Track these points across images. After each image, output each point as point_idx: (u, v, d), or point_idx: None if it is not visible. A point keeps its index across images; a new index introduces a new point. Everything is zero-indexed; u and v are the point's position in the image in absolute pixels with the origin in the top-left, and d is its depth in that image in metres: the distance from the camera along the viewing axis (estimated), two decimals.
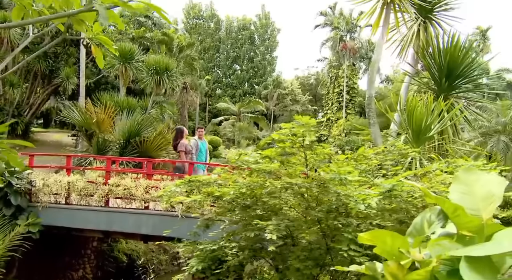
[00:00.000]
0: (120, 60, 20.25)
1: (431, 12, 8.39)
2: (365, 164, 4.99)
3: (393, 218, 3.82)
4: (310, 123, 3.97)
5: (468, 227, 2.40)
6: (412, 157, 5.47)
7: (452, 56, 7.58)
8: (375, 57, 6.79)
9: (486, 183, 2.63)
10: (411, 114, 6.21)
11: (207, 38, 56.48)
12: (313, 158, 4.89)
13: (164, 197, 4.88)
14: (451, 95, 7.81)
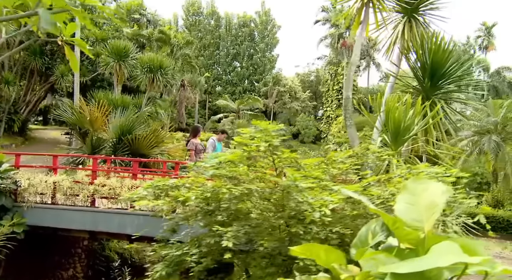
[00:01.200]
0: (115, 58, 20.20)
1: (416, 11, 8.27)
2: (336, 169, 4.92)
3: (355, 224, 3.75)
4: (269, 129, 3.90)
5: (409, 239, 2.32)
6: (389, 160, 5.39)
7: (436, 56, 7.47)
8: (352, 58, 6.70)
9: (432, 193, 2.55)
10: (389, 115, 6.12)
11: (207, 35, 56.33)
12: (281, 162, 4.82)
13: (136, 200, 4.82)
14: (435, 96, 7.70)
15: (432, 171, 3.89)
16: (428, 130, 7.59)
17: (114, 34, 25.86)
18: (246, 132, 3.86)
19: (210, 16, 57.09)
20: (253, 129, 3.97)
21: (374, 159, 5.37)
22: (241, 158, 4.38)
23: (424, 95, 7.91)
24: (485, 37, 44.91)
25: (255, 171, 4.58)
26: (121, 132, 16.43)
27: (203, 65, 55.50)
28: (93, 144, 16.64)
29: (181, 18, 58.21)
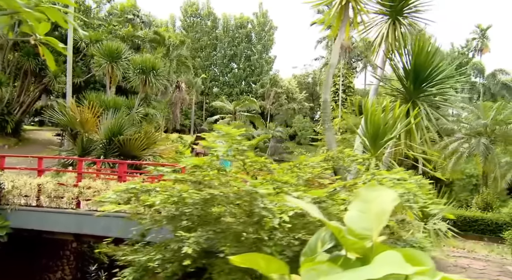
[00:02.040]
0: (107, 59, 20.13)
1: (400, 14, 8.23)
2: (307, 173, 4.87)
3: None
4: (232, 133, 3.86)
5: (355, 248, 2.27)
6: (364, 163, 5.33)
7: (418, 58, 7.44)
8: (331, 61, 6.65)
9: (382, 200, 2.50)
10: (369, 119, 6.08)
11: (204, 36, 56.32)
12: (252, 166, 4.78)
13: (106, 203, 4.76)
14: (418, 99, 7.66)
15: (394, 177, 3.85)
16: (411, 133, 7.54)
17: (107, 37, 25.78)
18: (209, 136, 3.81)
19: (207, 17, 57.07)
20: (217, 133, 3.92)
21: (349, 162, 5.32)
22: (209, 163, 4.33)
23: (408, 98, 7.86)
24: (480, 40, 44.92)
25: (224, 175, 4.53)
26: (112, 133, 16.37)
27: (200, 66, 55.46)
28: (83, 146, 16.58)
29: (178, 19, 58.22)
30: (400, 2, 7.95)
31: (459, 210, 13.67)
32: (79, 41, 24.69)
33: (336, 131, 43.70)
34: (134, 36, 27.54)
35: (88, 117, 17.17)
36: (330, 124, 6.55)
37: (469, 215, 13.06)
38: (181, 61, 30.22)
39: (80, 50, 25.49)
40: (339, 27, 6.68)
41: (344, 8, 6.61)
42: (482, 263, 8.94)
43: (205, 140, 4.42)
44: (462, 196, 18.79)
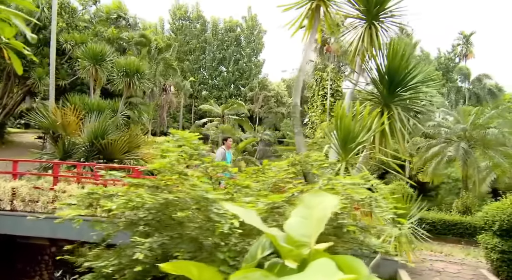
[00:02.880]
0: (91, 62, 19.96)
1: (376, 18, 8.27)
2: (271, 178, 4.85)
3: None
4: (189, 138, 3.82)
5: (291, 256, 2.22)
6: (332, 168, 5.33)
7: (392, 63, 7.47)
8: (301, 64, 6.65)
9: (324, 206, 2.47)
10: (339, 123, 6.08)
11: (193, 39, 56.21)
12: (215, 171, 4.74)
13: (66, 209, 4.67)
14: (393, 103, 7.69)
15: (349, 182, 3.85)
16: (385, 138, 7.57)
17: (93, 39, 25.58)
18: (168, 140, 3.77)
19: (196, 20, 56.99)
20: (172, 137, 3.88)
21: (317, 167, 5.31)
22: (169, 167, 4.29)
23: (382, 102, 7.90)
24: (464, 46, 45.57)
25: (185, 180, 4.49)
26: (94, 136, 16.23)
27: (189, 69, 55.31)
28: (65, 149, 16.40)
29: (167, 22, 58.07)
30: (375, 7, 7.99)
31: (439, 214, 13.79)
32: (64, 43, 24.46)
33: (323, 134, 43.93)
34: (119, 38, 27.36)
35: (70, 120, 17.01)
36: (300, 128, 6.54)
37: (449, 218, 13.17)
38: (168, 64, 30.07)
39: (66, 52, 25.26)
40: (310, 31, 6.68)
41: (314, 11, 6.61)
42: (457, 267, 9.00)
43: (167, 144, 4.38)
44: (448, 200, 18.97)
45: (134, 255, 3.47)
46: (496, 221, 8.21)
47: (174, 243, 3.79)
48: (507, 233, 8.12)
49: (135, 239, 3.69)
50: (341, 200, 4.09)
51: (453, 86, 41.15)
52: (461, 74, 41.55)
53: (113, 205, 3.95)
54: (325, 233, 4.42)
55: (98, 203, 4.60)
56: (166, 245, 3.73)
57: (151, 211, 3.77)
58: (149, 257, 3.57)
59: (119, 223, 4.25)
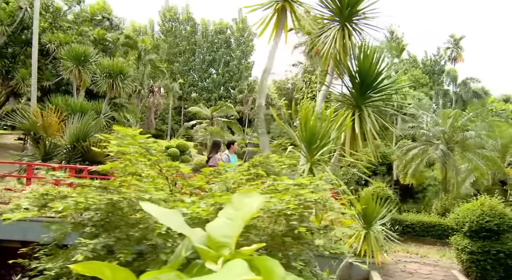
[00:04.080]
0: (74, 62, 19.78)
1: (349, 20, 8.29)
2: (229, 179, 4.81)
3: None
4: (136, 136, 3.77)
5: (210, 257, 2.20)
6: (293, 169, 5.31)
7: (363, 65, 7.50)
8: (267, 65, 6.64)
9: (251, 207, 2.44)
10: (304, 124, 6.08)
11: (183, 41, 56.09)
12: (169, 171, 4.70)
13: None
14: (365, 105, 7.72)
15: (289, 182, 3.84)
16: (355, 139, 7.59)
17: (77, 39, 25.37)
18: (110, 137, 3.73)
19: (186, 22, 56.89)
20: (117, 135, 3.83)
21: (279, 168, 5.28)
22: (122, 168, 4.24)
23: (354, 104, 7.92)
24: (453, 49, 46.04)
25: (138, 180, 4.44)
26: (76, 138, 16.08)
27: (179, 71, 55.15)
28: (46, 151, 16.23)
29: (157, 24, 57.87)
30: (347, 8, 8.02)
31: (418, 216, 13.87)
32: (48, 43, 24.23)
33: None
34: (104, 39, 27.18)
35: (51, 121, 16.84)
36: (264, 129, 6.51)
37: (427, 220, 13.25)
38: (155, 65, 29.92)
39: (50, 52, 25.02)
40: (277, 32, 6.68)
41: (280, 12, 6.61)
42: (430, 268, 9.03)
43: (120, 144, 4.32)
44: (434, 202, 19.08)
45: (74, 257, 3.41)
46: (466, 223, 8.27)
47: (120, 244, 3.73)
48: (476, 234, 8.18)
49: (79, 240, 3.63)
50: (293, 201, 4.08)
51: (440, 89, 41.55)
52: (449, 77, 41.99)
53: (60, 206, 3.88)
54: (279, 235, 4.40)
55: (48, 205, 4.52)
56: (111, 246, 3.68)
57: (97, 212, 3.72)
58: (91, 259, 3.52)
59: (65, 225, 4.19)
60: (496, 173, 16.45)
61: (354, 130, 7.48)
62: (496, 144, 16.43)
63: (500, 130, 16.50)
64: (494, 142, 16.44)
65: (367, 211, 7.23)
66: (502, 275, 7.91)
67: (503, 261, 7.89)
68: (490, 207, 8.13)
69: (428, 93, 41.74)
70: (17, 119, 17.42)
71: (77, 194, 4.29)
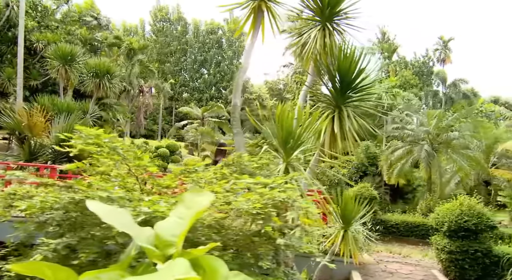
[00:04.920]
0: (60, 62, 19.62)
1: (330, 20, 8.31)
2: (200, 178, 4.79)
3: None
4: (100, 135, 3.74)
5: (155, 256, 2.17)
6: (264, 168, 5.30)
7: (342, 65, 7.52)
8: (243, 65, 6.63)
9: (200, 205, 2.42)
10: (280, 123, 6.08)
11: (174, 41, 55.89)
12: (138, 171, 4.67)
13: None
14: (344, 105, 7.73)
15: (251, 181, 3.84)
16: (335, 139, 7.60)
17: (65, 38, 25.15)
18: (69, 135, 3.69)
19: (177, 22, 56.71)
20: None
21: (252, 167, 5.28)
22: (89, 167, 4.19)
23: (334, 104, 7.94)
24: (442, 50, 46.42)
25: (105, 180, 4.40)
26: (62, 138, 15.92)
27: (170, 71, 54.95)
28: (31, 151, 16.08)
29: (148, 24, 57.64)
30: (327, 8, 8.03)
31: (403, 216, 13.95)
32: (36, 42, 24.00)
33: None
34: (92, 38, 26.98)
35: (37, 121, 16.69)
36: (239, 129, 6.50)
37: (411, 220, 13.32)
38: (144, 65, 29.78)
39: (37, 51, 24.79)
40: (253, 32, 6.67)
41: (256, 12, 6.60)
42: (411, 268, 9.08)
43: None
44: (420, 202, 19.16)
45: (33, 257, 3.37)
46: (445, 222, 8.32)
47: (83, 244, 3.69)
48: (455, 234, 8.23)
49: (42, 240, 3.59)
50: (260, 200, 4.07)
51: (429, 90, 41.86)
52: (438, 78, 42.34)
53: (23, 206, 3.84)
54: (248, 235, 4.38)
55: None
56: (73, 246, 3.64)
57: (60, 211, 3.68)
58: (50, 259, 3.47)
59: (30, 224, 4.14)
60: (480, 173, 16.60)
61: (334, 130, 7.50)
62: (481, 144, 16.59)
63: (485, 131, 16.65)
64: (479, 143, 16.61)
65: (346, 211, 7.24)
66: (480, 274, 7.97)
67: (481, 260, 7.95)
68: (469, 207, 8.20)
69: (417, 94, 42.06)
70: (2, 118, 17.25)
71: (45, 194, 4.25)
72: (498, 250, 8.00)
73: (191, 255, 2.10)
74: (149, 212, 3.40)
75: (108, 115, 25.73)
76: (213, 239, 3.67)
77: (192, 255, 2.12)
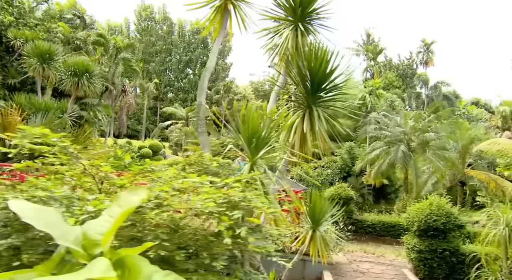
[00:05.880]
0: (38, 60, 19.27)
1: (303, 20, 8.31)
2: (160, 177, 4.73)
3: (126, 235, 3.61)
4: (47, 133, 3.67)
5: (80, 256, 2.10)
6: (229, 168, 5.27)
7: (313, 66, 7.53)
8: (208, 64, 6.60)
9: (130, 203, 2.36)
10: (246, 123, 6.04)
11: (159, 40, 55.50)
12: (94, 170, 4.58)
13: None
14: (315, 105, 7.74)
15: (196, 180, 3.84)
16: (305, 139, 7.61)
17: (45, 36, 24.70)
18: (18, 137, 3.60)
19: (162, 22, 56.32)
20: None
21: (214, 167, 5.26)
22: (41, 166, 4.11)
23: (305, 104, 7.94)
24: (425, 53, 47.07)
25: (59, 179, 4.32)
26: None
27: (155, 71, 54.54)
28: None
29: (133, 23, 57.09)
30: (299, 8, 8.04)
31: (379, 216, 14.05)
32: (13, 39, 23.53)
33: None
34: (76, 38, 26.56)
35: (11, 120, 16.39)
36: (204, 128, 6.46)
37: (388, 220, 13.44)
38: (128, 64, 29.45)
39: (15, 49, 24.30)
40: (219, 31, 6.63)
41: (223, 11, 6.57)
42: (382, 267, 9.14)
43: None
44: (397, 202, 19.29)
45: None
46: (415, 222, 8.40)
47: (28, 245, 3.61)
48: (424, 233, 8.32)
49: None
50: (216, 199, 4.04)
51: (412, 91, 42.40)
52: (420, 80, 42.93)
53: None
54: (204, 235, 4.34)
55: None
56: (18, 247, 3.56)
57: (4, 211, 3.59)
58: None
59: None
60: (456, 174, 16.84)
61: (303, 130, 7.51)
62: (457, 145, 16.83)
63: (461, 132, 16.90)
64: (455, 144, 16.84)
65: (315, 211, 7.25)
66: (447, 272, 8.07)
67: (449, 259, 8.05)
68: (438, 207, 8.29)
69: (400, 96, 42.58)
70: None
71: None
72: (466, 248, 8.11)
73: (118, 255, 2.05)
74: (92, 211, 3.34)
75: (89, 115, 25.37)
76: (160, 239, 3.62)
77: (119, 254, 2.07)
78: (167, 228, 3.99)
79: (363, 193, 22.98)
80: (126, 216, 2.21)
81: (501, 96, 53.08)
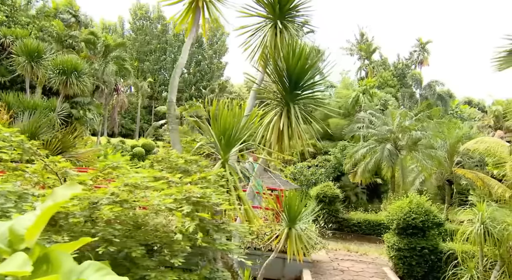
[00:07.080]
0: (26, 58, 19.16)
1: (282, 18, 8.27)
2: (122, 173, 4.68)
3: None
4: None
5: (4, 252, 2.05)
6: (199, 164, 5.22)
7: (291, 64, 7.50)
8: (179, 61, 6.55)
9: (62, 198, 2.31)
10: (218, 119, 6.01)
11: (154, 39, 55.34)
12: (56, 167, 4.55)
13: None
14: (293, 102, 7.71)
15: (139, 175, 3.84)
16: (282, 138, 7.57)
17: (37, 34, 24.58)
18: None
19: (157, 21, 56.17)
20: None
21: (182, 164, 5.22)
22: None
23: (283, 102, 7.91)
24: (420, 53, 47.13)
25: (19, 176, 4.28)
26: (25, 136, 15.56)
27: (149, 70, 54.39)
28: None
29: (127, 22, 56.93)
30: (277, 5, 8.00)
31: (365, 215, 14.04)
32: (3, 38, 23.41)
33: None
34: (70, 36, 26.41)
35: None
36: (175, 126, 6.41)
37: (373, 219, 13.43)
38: (120, 63, 29.32)
39: (5, 47, 24.17)
40: (191, 28, 6.59)
41: (194, 8, 6.52)
42: (363, 266, 9.12)
43: None
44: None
45: None
46: (395, 220, 8.38)
47: None
48: (404, 231, 8.31)
49: None
50: (177, 195, 4.01)
51: (405, 91, 42.46)
52: (414, 80, 42.99)
53: None
54: (166, 231, 4.30)
55: None
56: None
57: None
58: None
59: None
60: (444, 172, 16.84)
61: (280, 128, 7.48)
62: (445, 144, 16.83)
63: (449, 131, 16.91)
64: (443, 142, 16.84)
65: (291, 209, 7.22)
66: (426, 270, 8.05)
67: (428, 257, 8.03)
68: (418, 205, 8.27)
69: (395, 95, 42.61)
70: None
71: None
72: (444, 246, 8.10)
73: (44, 250, 2.01)
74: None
75: (79, 113, 25.26)
76: (111, 234, 3.58)
77: (45, 250, 2.03)
78: (127, 225, 3.96)
79: (356, 192, 22.98)
80: (53, 211, 2.18)
81: (492, 95, 53.20)
